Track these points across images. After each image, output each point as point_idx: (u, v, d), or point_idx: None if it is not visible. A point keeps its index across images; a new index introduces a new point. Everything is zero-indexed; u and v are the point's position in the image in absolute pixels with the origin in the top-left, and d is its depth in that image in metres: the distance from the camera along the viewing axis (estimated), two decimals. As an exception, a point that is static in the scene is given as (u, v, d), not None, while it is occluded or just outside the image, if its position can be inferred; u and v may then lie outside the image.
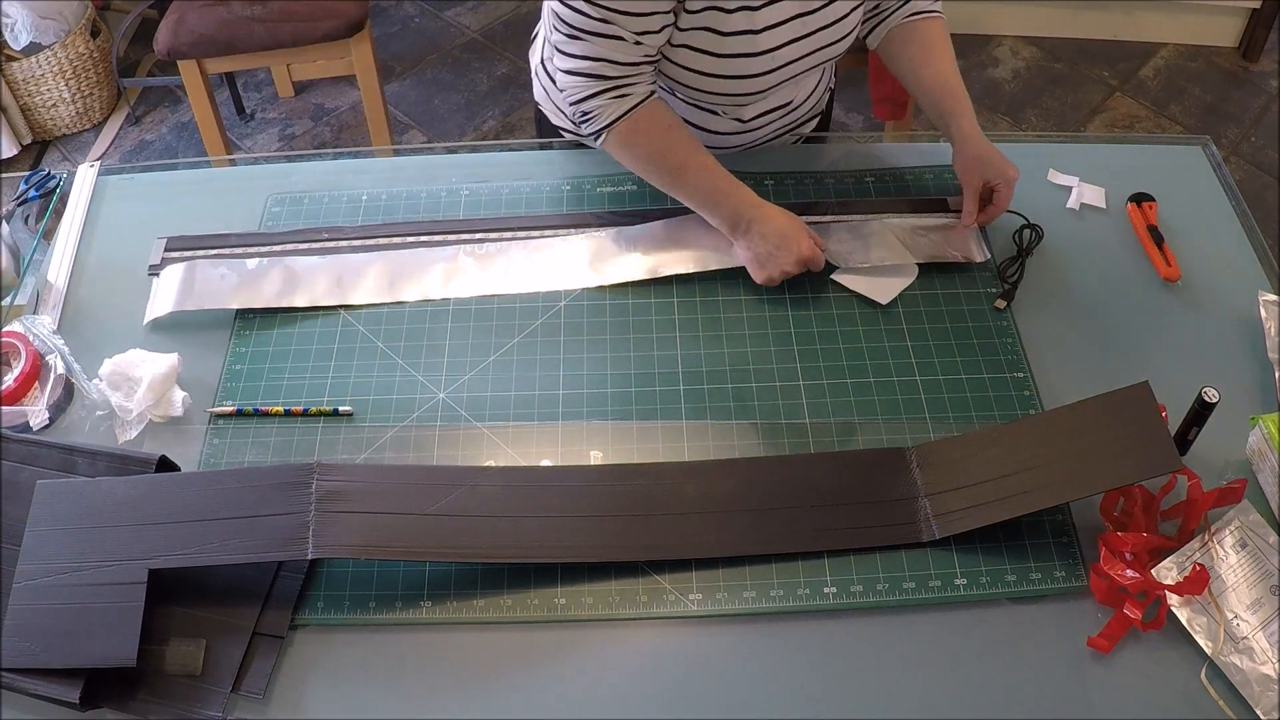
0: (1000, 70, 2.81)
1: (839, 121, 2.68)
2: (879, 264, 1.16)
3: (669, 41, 1.11)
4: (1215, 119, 2.66)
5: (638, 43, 1.06)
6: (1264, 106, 2.69)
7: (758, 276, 1.14)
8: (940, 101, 1.22)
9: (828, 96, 1.41)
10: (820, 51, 1.17)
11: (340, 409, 1.07)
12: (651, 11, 1.04)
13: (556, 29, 1.09)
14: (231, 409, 1.07)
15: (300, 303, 1.16)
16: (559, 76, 1.13)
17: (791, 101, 1.27)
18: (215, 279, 1.17)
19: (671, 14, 1.07)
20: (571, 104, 1.13)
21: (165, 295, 1.16)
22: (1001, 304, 1.14)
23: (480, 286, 1.17)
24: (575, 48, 1.08)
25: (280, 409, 1.07)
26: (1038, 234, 1.20)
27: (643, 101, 1.12)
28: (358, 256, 1.20)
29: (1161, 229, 1.21)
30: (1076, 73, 2.79)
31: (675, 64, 1.13)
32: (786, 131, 1.33)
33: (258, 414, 1.07)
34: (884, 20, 1.25)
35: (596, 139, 1.16)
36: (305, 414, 1.07)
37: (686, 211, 1.20)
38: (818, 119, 1.40)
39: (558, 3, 1.07)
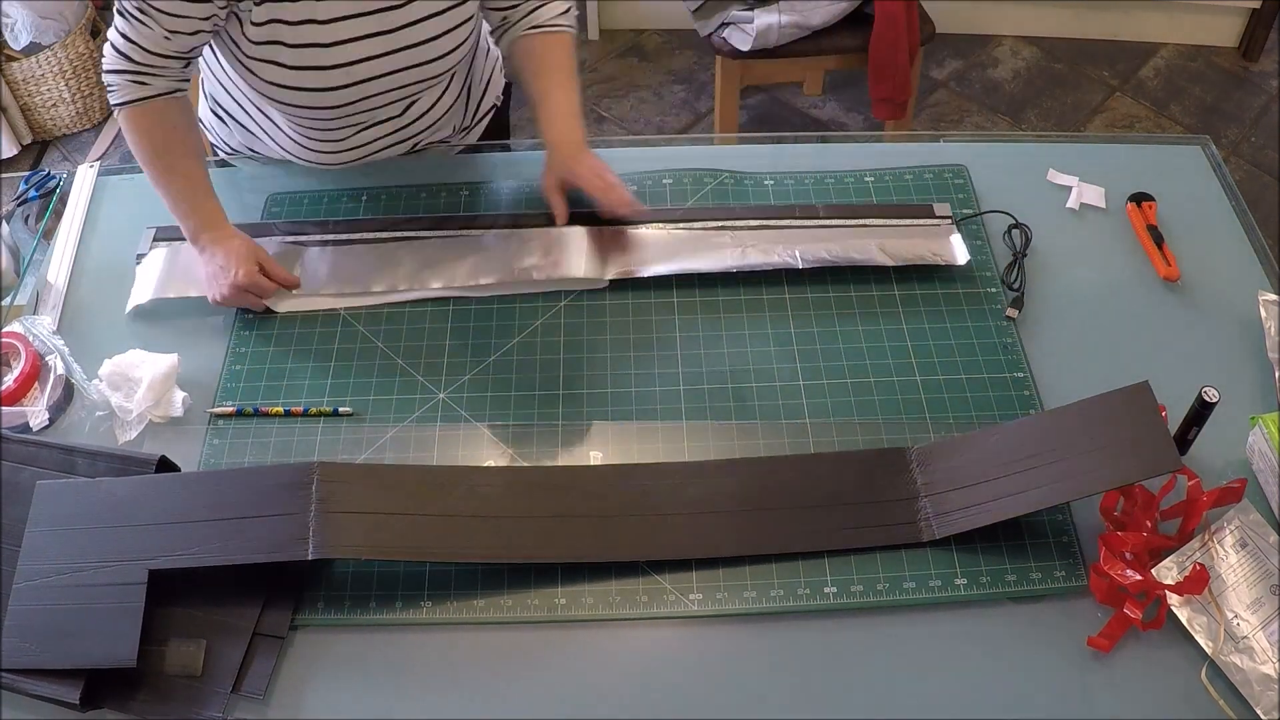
0: (1000, 70, 2.81)
1: (838, 122, 2.68)
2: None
3: (248, 55, 1.12)
4: (1215, 119, 2.66)
5: (166, 38, 1.07)
6: (1264, 106, 2.69)
7: (207, 294, 1.15)
8: (539, 116, 1.23)
9: (501, 103, 1.43)
10: (411, 70, 1.16)
11: (340, 409, 1.07)
12: (185, 15, 1.05)
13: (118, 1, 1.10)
14: (231, 409, 1.07)
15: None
16: (108, 37, 1.14)
17: (404, 117, 1.26)
18: (199, 262, 1.17)
19: (210, 21, 1.07)
20: (104, 70, 1.14)
21: (146, 281, 1.17)
22: (1013, 313, 1.13)
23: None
24: (119, 23, 1.10)
25: (280, 409, 1.07)
26: (1026, 234, 1.19)
27: (159, 95, 1.12)
28: (351, 249, 1.20)
29: (1161, 229, 1.21)
30: (1076, 73, 2.79)
31: (258, 77, 1.14)
32: (418, 145, 1.32)
33: (258, 414, 1.07)
34: (507, 31, 1.26)
35: (116, 110, 1.15)
36: (305, 414, 1.07)
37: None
38: (483, 124, 1.41)
39: None
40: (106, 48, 1.12)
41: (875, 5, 2.07)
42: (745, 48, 2.09)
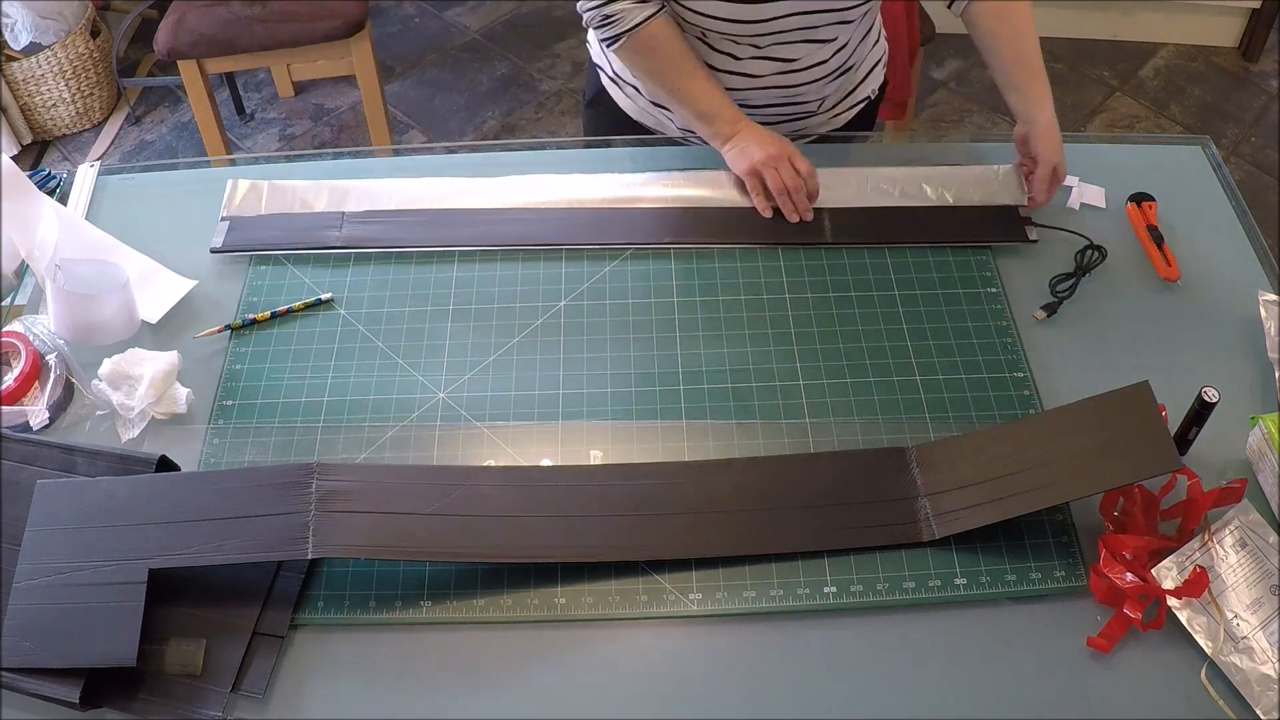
0: (1000, 70, 2.80)
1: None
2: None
3: None
4: (1215, 119, 2.66)
5: None
6: (1264, 106, 2.69)
7: (737, 167, 1.22)
8: (1023, 84, 1.24)
9: (866, 104, 1.40)
10: None
11: (322, 297, 1.16)
12: None
13: None
14: (219, 328, 1.13)
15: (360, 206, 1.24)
16: None
17: (798, 61, 1.25)
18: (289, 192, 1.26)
19: None
20: (593, 8, 1.18)
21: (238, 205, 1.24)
22: (1041, 315, 1.13)
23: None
24: None
25: (267, 314, 1.15)
26: (1101, 254, 1.18)
27: (659, 12, 1.18)
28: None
29: (1161, 229, 1.21)
30: (1076, 73, 2.79)
31: None
32: (790, 103, 1.32)
33: (247, 325, 1.14)
34: None
35: (613, 44, 1.21)
36: (290, 311, 1.15)
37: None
38: (852, 115, 1.39)
39: None
40: None
41: (875, 5, 2.07)
42: (745, 48, 2.09)
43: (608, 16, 1.17)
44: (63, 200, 1.29)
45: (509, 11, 3.07)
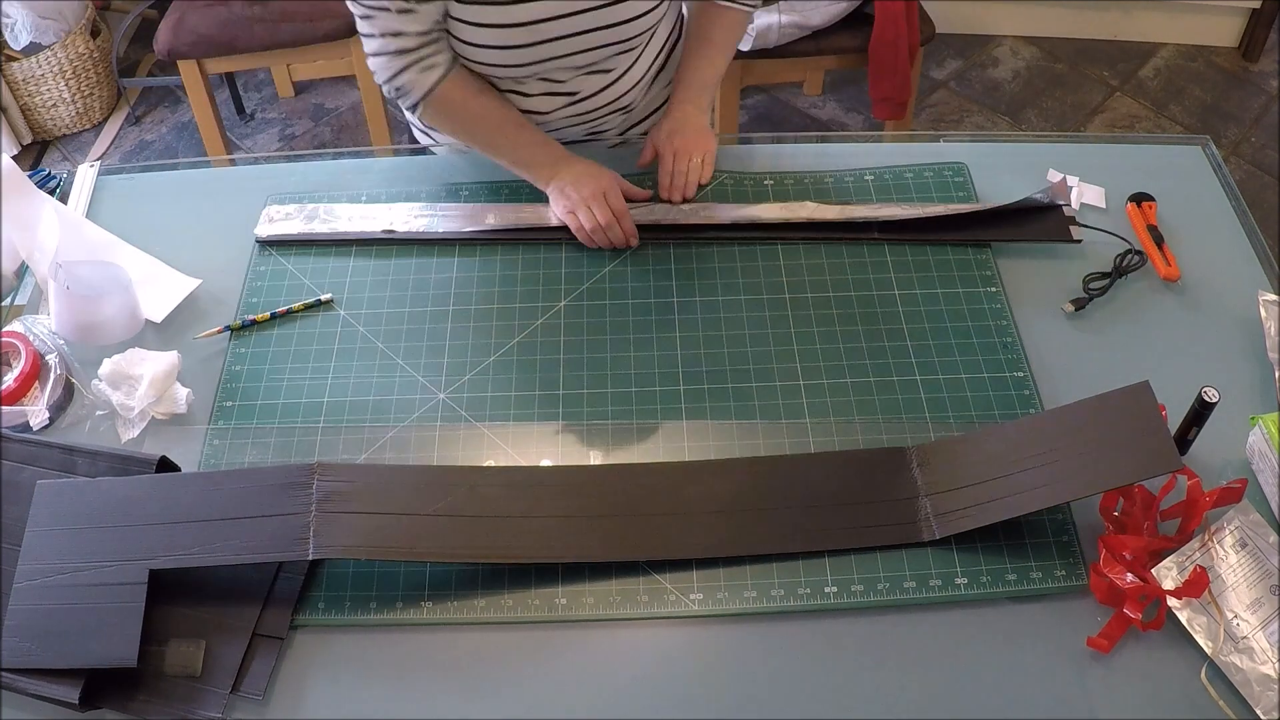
0: (1000, 70, 2.81)
1: (838, 122, 2.67)
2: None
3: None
4: (1215, 119, 2.66)
5: (412, 11, 1.09)
6: (1264, 106, 2.69)
7: (556, 209, 1.19)
8: (678, 82, 1.27)
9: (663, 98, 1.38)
10: (597, 33, 1.15)
11: (322, 298, 1.16)
12: None
13: (354, 14, 1.12)
14: (219, 329, 1.13)
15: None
16: (368, 60, 1.16)
17: (579, 93, 1.25)
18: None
19: None
20: (384, 83, 1.17)
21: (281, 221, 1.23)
22: (1070, 308, 1.13)
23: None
24: (369, 26, 1.12)
25: (267, 314, 1.15)
26: (1140, 259, 1.17)
27: (449, 71, 1.16)
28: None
29: (1161, 229, 1.21)
30: (1076, 73, 2.79)
31: (449, 34, 1.15)
32: (588, 124, 1.31)
33: (246, 326, 1.14)
34: None
35: (414, 111, 1.20)
36: (290, 311, 1.15)
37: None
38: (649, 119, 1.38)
39: None
40: (373, 63, 1.15)
41: (875, 5, 2.07)
42: (745, 48, 2.09)
43: (399, 88, 1.17)
44: (62, 200, 1.29)
45: (509, 11, 3.06)
